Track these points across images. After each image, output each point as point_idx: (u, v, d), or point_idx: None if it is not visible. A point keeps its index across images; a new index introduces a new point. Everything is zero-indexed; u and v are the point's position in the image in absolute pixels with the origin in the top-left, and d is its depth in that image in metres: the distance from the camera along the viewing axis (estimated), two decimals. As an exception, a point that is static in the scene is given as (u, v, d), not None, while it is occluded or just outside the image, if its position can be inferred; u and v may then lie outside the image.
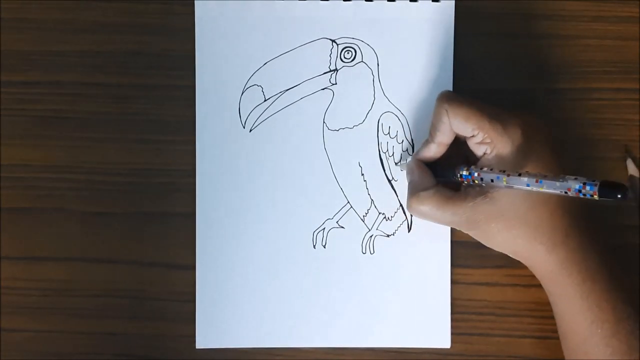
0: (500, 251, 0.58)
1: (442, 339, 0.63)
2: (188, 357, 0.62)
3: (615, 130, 0.63)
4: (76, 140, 0.63)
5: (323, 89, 0.63)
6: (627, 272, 0.59)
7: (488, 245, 0.58)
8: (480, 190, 0.56)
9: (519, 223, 0.56)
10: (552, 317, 0.61)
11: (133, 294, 0.63)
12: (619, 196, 0.48)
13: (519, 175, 0.53)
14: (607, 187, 0.48)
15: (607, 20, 0.63)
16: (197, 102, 0.62)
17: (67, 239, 0.63)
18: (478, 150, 0.57)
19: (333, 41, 0.63)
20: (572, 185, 0.50)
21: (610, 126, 0.63)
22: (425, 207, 0.58)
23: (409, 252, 0.63)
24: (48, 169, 0.63)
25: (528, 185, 0.52)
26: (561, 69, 0.63)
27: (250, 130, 0.63)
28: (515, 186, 0.53)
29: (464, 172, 0.57)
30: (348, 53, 0.62)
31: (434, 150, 0.59)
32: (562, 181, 0.50)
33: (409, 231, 0.63)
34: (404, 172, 0.62)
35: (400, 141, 0.62)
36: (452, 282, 0.63)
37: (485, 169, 0.56)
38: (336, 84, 0.63)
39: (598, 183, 0.49)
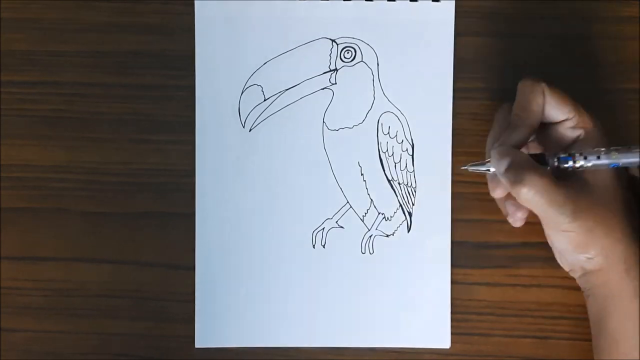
0: (581, 256, 0.55)
1: (442, 339, 0.62)
2: (187, 356, 0.62)
3: (615, 130, 0.63)
4: (76, 140, 0.63)
5: (323, 89, 0.63)
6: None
7: (577, 252, 0.55)
8: (577, 179, 0.55)
9: (611, 214, 0.54)
10: (552, 318, 0.61)
11: (133, 294, 0.63)
12: None
13: (629, 147, 0.53)
14: None
15: (607, 21, 0.63)
16: (197, 102, 0.63)
17: (67, 239, 0.63)
18: (571, 134, 0.56)
19: (333, 41, 0.63)
20: None
21: (610, 126, 0.63)
22: (544, 183, 0.53)
23: (409, 252, 0.63)
24: (48, 169, 0.63)
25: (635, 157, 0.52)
26: (561, 68, 0.63)
27: (250, 130, 0.63)
28: (623, 161, 0.53)
29: (564, 155, 0.55)
30: (348, 53, 0.63)
31: (523, 134, 0.56)
32: None
33: (408, 231, 0.63)
34: (481, 169, 0.57)
35: (400, 141, 0.62)
36: (452, 282, 0.62)
37: (586, 153, 0.55)
38: (336, 83, 0.63)
39: None
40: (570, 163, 0.55)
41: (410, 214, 0.63)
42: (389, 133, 0.62)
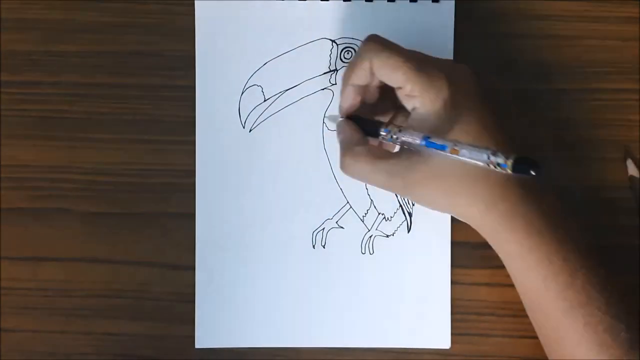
0: (443, 212, 0.57)
1: (442, 339, 0.62)
2: (187, 356, 0.62)
3: (615, 131, 0.63)
4: (76, 140, 0.63)
5: (323, 89, 0.63)
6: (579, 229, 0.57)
7: (430, 208, 0.56)
8: (415, 150, 0.54)
9: (456, 181, 0.54)
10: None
11: (133, 294, 0.63)
12: (533, 173, 0.47)
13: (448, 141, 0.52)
14: (522, 163, 0.47)
15: (607, 21, 0.63)
16: (197, 102, 0.62)
17: (67, 239, 0.63)
18: (408, 104, 0.55)
19: (333, 41, 0.63)
20: (484, 158, 0.49)
21: (610, 126, 0.63)
22: (360, 164, 0.55)
23: (409, 252, 0.63)
24: (48, 169, 0.63)
25: (445, 149, 0.51)
26: (561, 69, 0.63)
27: (250, 130, 0.63)
28: (434, 146, 0.52)
29: (384, 133, 0.55)
30: (348, 53, 0.62)
31: (352, 95, 0.56)
32: (478, 151, 0.49)
33: (408, 231, 0.63)
34: (334, 132, 0.60)
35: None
36: (452, 282, 0.62)
37: (402, 130, 0.54)
38: (336, 84, 0.63)
39: (513, 158, 0.47)
40: (389, 135, 0.55)
41: (410, 214, 0.63)
42: (389, 133, 0.62)
